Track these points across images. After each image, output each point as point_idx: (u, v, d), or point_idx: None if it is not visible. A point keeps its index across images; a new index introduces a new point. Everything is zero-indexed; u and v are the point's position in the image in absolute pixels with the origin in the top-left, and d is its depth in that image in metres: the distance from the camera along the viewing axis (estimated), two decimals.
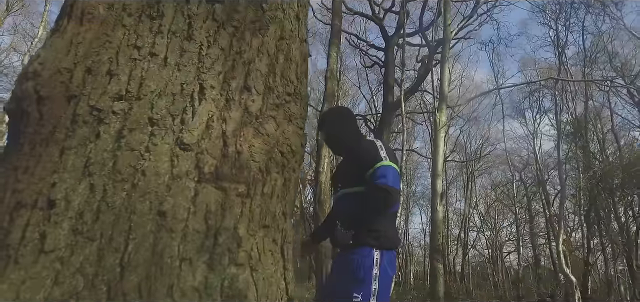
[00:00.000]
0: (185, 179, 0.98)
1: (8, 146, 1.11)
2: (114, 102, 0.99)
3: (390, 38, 15.10)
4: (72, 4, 1.15)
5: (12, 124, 1.09)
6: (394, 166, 2.03)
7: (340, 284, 2.04)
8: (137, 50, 1.05)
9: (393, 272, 2.06)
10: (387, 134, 13.81)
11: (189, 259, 0.94)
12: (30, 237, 0.87)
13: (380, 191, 1.94)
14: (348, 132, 2.29)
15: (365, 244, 1.97)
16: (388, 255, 2.01)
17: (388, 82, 14.37)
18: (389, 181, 1.95)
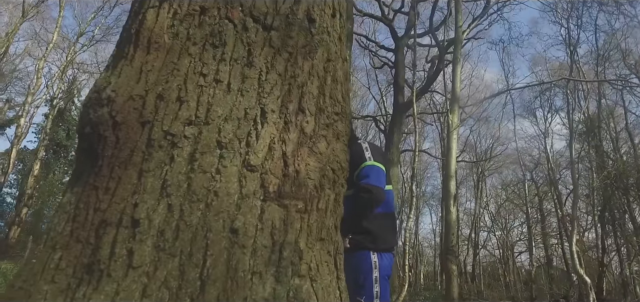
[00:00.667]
0: (252, 198, 1.06)
1: (81, 165, 1.20)
2: (185, 127, 1.07)
3: (400, 39, 15.11)
4: (137, 32, 1.23)
5: (86, 145, 1.17)
6: (377, 164, 2.02)
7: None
8: (203, 77, 1.13)
9: (390, 273, 2.07)
10: (397, 135, 13.82)
11: (259, 273, 1.01)
12: (119, 253, 0.95)
13: (364, 191, 1.94)
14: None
15: (363, 247, 1.97)
16: (386, 257, 2.02)
17: (398, 83, 14.38)
18: (371, 180, 1.96)
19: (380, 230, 2.03)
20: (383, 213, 2.10)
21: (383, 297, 1.95)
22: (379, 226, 2.03)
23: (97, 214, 1.03)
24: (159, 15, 1.22)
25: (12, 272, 9.38)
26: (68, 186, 1.20)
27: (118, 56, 1.29)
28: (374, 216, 2.02)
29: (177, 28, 1.19)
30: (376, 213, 2.03)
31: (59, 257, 1.03)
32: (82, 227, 1.04)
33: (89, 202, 1.06)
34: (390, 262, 2.08)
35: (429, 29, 14.65)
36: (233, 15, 1.21)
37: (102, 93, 1.16)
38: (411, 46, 16.33)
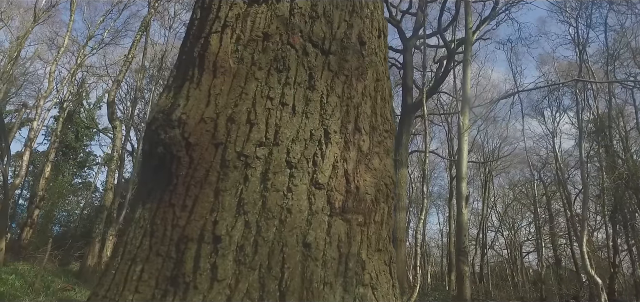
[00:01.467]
0: (321, 214, 1.14)
1: (150, 182, 1.28)
2: (257, 149, 1.15)
3: (408, 40, 15.15)
4: (201, 56, 1.31)
5: (156, 164, 1.25)
6: None
7: None
8: (270, 100, 1.21)
9: None
10: (406, 136, 13.87)
11: (330, 283, 1.09)
12: (203, 267, 1.03)
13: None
14: None
15: None
16: None
17: (407, 84, 14.42)
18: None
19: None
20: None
21: None
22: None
23: (175, 229, 1.12)
24: (222, 41, 1.30)
25: (29, 273, 9.55)
26: (137, 202, 1.29)
27: (180, 78, 1.38)
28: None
29: (242, 53, 1.27)
30: None
31: (141, 270, 1.12)
32: (161, 242, 1.12)
33: (166, 218, 1.14)
34: None
35: (438, 30, 14.69)
36: (294, 41, 1.29)
37: (171, 115, 1.24)
38: (419, 47, 16.36)
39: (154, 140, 1.27)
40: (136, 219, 1.23)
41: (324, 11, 1.37)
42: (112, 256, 1.27)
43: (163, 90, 1.46)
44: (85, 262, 10.13)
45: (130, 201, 17.24)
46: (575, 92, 14.71)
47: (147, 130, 1.35)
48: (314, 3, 1.36)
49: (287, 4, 1.34)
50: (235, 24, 1.32)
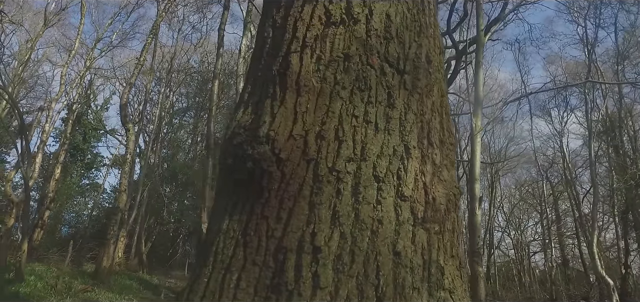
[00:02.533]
0: (406, 224, 1.22)
1: (234, 195, 1.37)
2: (347, 164, 1.24)
3: None
4: (283, 74, 1.40)
5: (244, 178, 1.33)
6: None
7: None
8: (355, 118, 1.29)
9: None
10: None
11: (417, 288, 1.18)
12: (306, 275, 1.12)
13: None
14: None
15: None
16: None
17: None
18: None
19: None
20: None
21: None
22: None
23: (271, 240, 1.20)
24: (302, 60, 1.39)
25: (46, 274, 9.68)
26: (222, 214, 1.37)
27: (257, 94, 1.46)
28: None
29: (324, 73, 1.36)
30: None
31: (237, 278, 1.20)
32: (257, 252, 1.21)
33: (260, 230, 1.23)
34: None
35: (447, 31, 14.74)
36: (373, 61, 1.37)
37: (258, 131, 1.33)
38: None
39: (238, 155, 1.36)
40: (224, 230, 1.31)
41: (396, 32, 1.45)
42: (200, 264, 1.36)
43: (238, 106, 1.55)
44: (100, 263, 10.25)
45: (137, 203, 17.34)
46: (585, 93, 14.75)
47: (228, 145, 1.44)
48: (387, 25, 1.45)
49: (364, 25, 1.42)
50: (315, 44, 1.40)
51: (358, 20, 1.42)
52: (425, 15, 1.60)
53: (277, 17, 1.56)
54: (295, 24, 1.47)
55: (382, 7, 1.46)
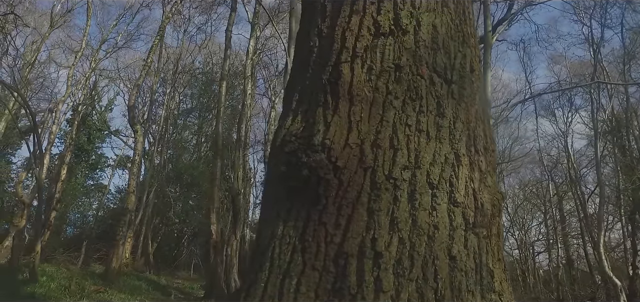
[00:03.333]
0: (459, 230, 1.27)
1: (287, 202, 1.41)
2: (402, 172, 1.28)
3: None
4: (334, 83, 1.44)
5: (299, 185, 1.38)
6: None
7: None
8: (408, 127, 1.34)
9: None
10: None
11: (472, 291, 1.22)
12: (368, 280, 1.16)
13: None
14: None
15: None
16: None
17: None
18: None
19: None
20: None
21: None
22: None
23: (330, 246, 1.25)
24: (354, 70, 1.44)
25: (57, 274, 9.75)
26: (275, 220, 1.41)
27: (306, 102, 1.51)
28: None
29: (375, 82, 1.41)
30: None
31: (297, 283, 1.24)
32: (316, 258, 1.25)
33: (318, 236, 1.27)
34: None
35: None
36: (423, 72, 1.42)
37: (312, 140, 1.38)
38: None
39: (292, 163, 1.41)
40: (279, 235, 1.36)
41: (443, 43, 1.50)
42: (255, 269, 1.40)
43: (286, 114, 1.59)
44: (110, 264, 10.31)
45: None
46: (590, 93, 14.78)
47: (279, 153, 1.48)
48: (434, 36, 1.49)
49: (412, 36, 1.47)
50: (365, 54, 1.45)
51: (407, 31, 1.46)
52: (467, 25, 1.64)
53: (322, 26, 1.60)
54: (343, 34, 1.51)
55: (428, 18, 1.51)
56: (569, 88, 16.37)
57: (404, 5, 1.51)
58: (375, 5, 1.52)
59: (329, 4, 1.63)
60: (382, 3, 1.52)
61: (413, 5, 1.51)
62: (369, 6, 1.52)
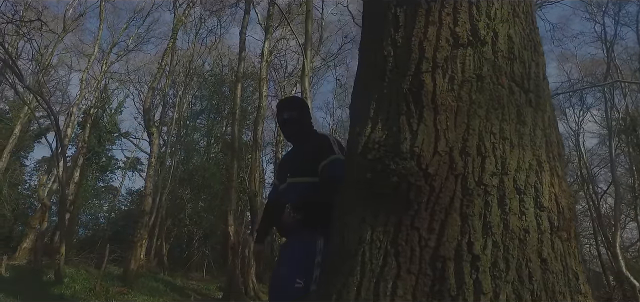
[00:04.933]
0: (547, 233, 1.32)
1: (375, 206, 1.47)
2: (492, 178, 1.34)
3: None
4: (417, 93, 1.50)
5: (387, 191, 1.43)
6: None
7: (285, 272, 2.11)
8: (493, 135, 1.40)
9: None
10: None
11: (562, 293, 1.28)
12: (468, 282, 1.22)
13: (334, 183, 1.99)
14: (309, 121, 2.43)
15: (310, 226, 2.03)
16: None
17: None
18: (342, 173, 2.02)
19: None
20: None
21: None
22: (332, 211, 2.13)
23: (425, 250, 1.30)
24: (435, 80, 1.49)
25: (77, 275, 9.88)
26: (362, 225, 1.45)
27: (384, 111, 1.57)
28: (332, 202, 2.09)
29: (458, 92, 1.46)
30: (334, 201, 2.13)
31: (392, 286, 1.30)
32: (411, 261, 1.31)
33: (412, 240, 1.33)
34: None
35: None
36: (502, 81, 1.47)
37: (399, 147, 1.44)
38: None
39: (378, 170, 1.46)
40: (368, 240, 1.42)
41: (518, 52, 1.55)
42: (345, 274, 1.45)
43: (363, 122, 1.64)
44: (128, 265, 10.43)
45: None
46: (604, 92, 14.73)
47: (361, 160, 1.54)
48: (510, 46, 1.55)
49: (490, 47, 1.52)
50: (445, 65, 1.51)
51: (485, 41, 1.52)
52: (535, 33, 1.70)
53: (397, 36, 1.66)
54: (421, 44, 1.57)
55: (504, 29, 1.56)
56: (585, 87, 16.31)
57: (480, 16, 1.56)
58: (451, 17, 1.58)
59: (401, 14, 1.68)
60: (458, 14, 1.57)
61: (489, 16, 1.56)
62: (445, 17, 1.58)
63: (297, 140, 2.44)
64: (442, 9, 1.60)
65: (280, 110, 2.46)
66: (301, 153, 2.37)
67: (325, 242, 2.03)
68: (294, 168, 2.33)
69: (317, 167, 2.13)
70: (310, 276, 2.01)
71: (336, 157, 2.15)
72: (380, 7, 1.82)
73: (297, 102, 2.61)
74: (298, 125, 2.38)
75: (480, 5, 1.58)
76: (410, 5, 1.67)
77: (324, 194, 2.06)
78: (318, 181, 2.12)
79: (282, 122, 2.43)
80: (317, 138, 2.36)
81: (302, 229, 2.05)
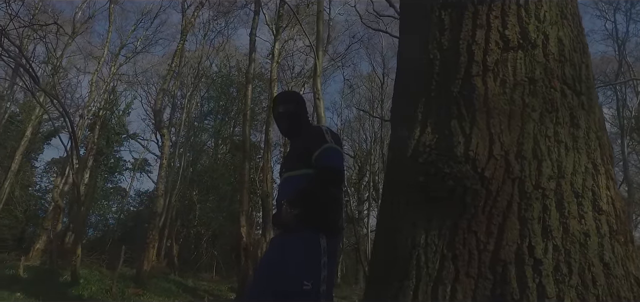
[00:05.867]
0: (607, 237, 1.32)
1: (428, 211, 1.47)
2: (549, 181, 1.33)
3: None
4: (468, 97, 1.49)
5: (442, 195, 1.43)
6: (338, 148, 2.15)
7: (288, 269, 2.00)
8: (548, 139, 1.39)
9: (336, 255, 2.14)
10: None
11: (627, 299, 1.27)
12: (531, 286, 1.22)
13: (329, 171, 2.06)
14: (305, 115, 2.44)
15: (311, 225, 2.00)
16: (333, 239, 2.08)
17: None
18: (335, 162, 2.11)
19: (332, 211, 2.11)
20: (336, 196, 2.19)
21: (329, 281, 2.00)
22: (330, 207, 2.12)
23: (484, 253, 1.30)
24: (487, 84, 1.49)
25: (90, 276, 9.95)
26: (415, 227, 1.46)
27: (434, 114, 1.56)
28: (328, 196, 2.11)
29: (510, 95, 1.46)
30: (330, 195, 2.12)
31: (451, 290, 1.30)
32: (469, 265, 1.31)
33: (469, 243, 1.33)
34: (337, 245, 2.18)
35: None
36: (555, 84, 1.47)
37: (453, 151, 1.43)
38: None
39: (431, 173, 1.46)
40: (422, 244, 1.42)
41: (569, 55, 1.54)
42: (399, 278, 1.44)
43: (411, 125, 1.64)
44: (141, 266, 10.49)
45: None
46: (616, 90, 14.61)
47: (412, 163, 1.54)
48: (561, 48, 1.54)
49: (541, 50, 1.51)
50: (496, 68, 1.50)
51: (536, 45, 1.51)
52: (583, 35, 1.69)
53: (443, 40, 1.65)
54: (469, 47, 1.57)
55: (554, 31, 1.55)
56: (597, 86, 16.16)
57: (530, 19, 1.56)
58: (500, 20, 1.57)
59: (446, 17, 1.68)
60: (506, 17, 1.57)
61: (538, 19, 1.56)
62: (494, 20, 1.57)
63: (292, 133, 2.42)
64: (489, 12, 1.59)
65: (276, 104, 2.47)
66: (295, 147, 2.36)
67: (327, 240, 2.02)
68: (289, 163, 2.32)
69: (311, 158, 2.12)
70: (318, 277, 1.97)
71: (329, 146, 2.13)
72: (422, 10, 1.82)
73: (293, 96, 2.62)
74: (294, 119, 2.37)
75: (529, 7, 1.57)
76: (456, 9, 1.67)
77: (318, 183, 2.05)
78: (312, 172, 2.10)
79: (277, 115, 2.43)
80: (311, 130, 2.35)
81: (302, 226, 2.00)
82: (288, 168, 2.28)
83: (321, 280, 1.98)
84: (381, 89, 24.22)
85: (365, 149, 28.96)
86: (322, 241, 2.02)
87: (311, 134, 2.27)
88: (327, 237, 2.04)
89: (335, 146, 2.15)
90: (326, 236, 2.04)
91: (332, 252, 2.05)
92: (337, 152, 2.16)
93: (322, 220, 2.05)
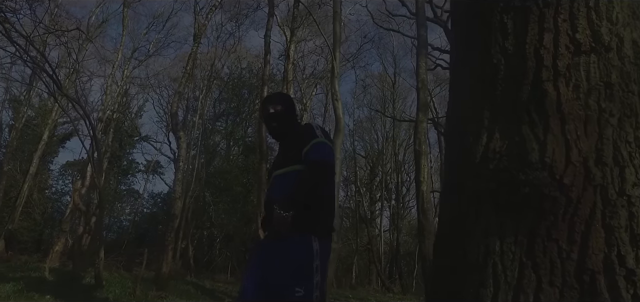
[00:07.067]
0: None
1: (501, 216, 1.45)
2: (633, 188, 1.31)
3: None
4: (538, 102, 1.47)
5: (517, 201, 1.41)
6: (328, 142, 2.14)
7: (277, 276, 1.97)
8: (628, 144, 1.36)
9: (328, 258, 2.10)
10: None
11: None
12: (626, 297, 1.19)
13: (318, 165, 2.03)
14: (294, 116, 2.44)
15: (305, 230, 1.97)
16: (325, 242, 2.06)
17: None
18: (324, 156, 2.08)
19: (323, 212, 2.10)
20: (327, 195, 2.15)
21: (322, 286, 1.97)
22: (322, 207, 2.08)
23: (567, 262, 1.28)
24: (559, 89, 1.46)
25: (112, 278, 10.06)
26: (486, 236, 1.44)
27: (502, 121, 1.54)
28: (320, 196, 2.06)
29: (585, 100, 1.43)
30: (322, 194, 2.08)
31: (535, 299, 1.28)
32: (552, 274, 1.29)
33: (551, 252, 1.31)
34: (329, 249, 2.12)
35: None
36: (632, 88, 1.44)
37: (527, 157, 1.41)
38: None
39: (504, 180, 1.44)
40: (498, 252, 1.40)
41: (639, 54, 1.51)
42: (478, 286, 1.42)
43: (476, 132, 1.62)
44: (160, 269, 10.59)
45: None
46: None
47: (481, 170, 1.52)
48: (636, 51, 1.51)
49: (616, 53, 1.48)
50: (568, 73, 1.48)
51: (610, 48, 1.48)
52: None
53: (506, 44, 1.63)
54: (537, 52, 1.54)
55: (628, 34, 1.52)
56: None
57: (601, 21, 1.53)
58: (568, 23, 1.54)
59: (509, 21, 1.65)
60: (576, 20, 1.54)
61: (610, 20, 1.53)
62: (562, 24, 1.54)
63: (281, 134, 2.40)
64: (557, 16, 1.56)
65: (265, 105, 2.45)
66: (285, 146, 2.35)
67: (320, 244, 1.99)
68: (280, 162, 2.29)
69: (301, 154, 2.10)
70: (310, 283, 1.93)
71: (318, 140, 2.11)
72: (480, 16, 1.79)
73: (282, 98, 2.64)
74: (282, 120, 2.35)
75: (600, 9, 1.54)
76: (519, 12, 1.64)
77: (308, 178, 2.03)
78: (302, 168, 2.09)
79: (267, 116, 2.39)
80: (300, 128, 2.35)
81: (294, 230, 1.94)
82: (279, 167, 2.26)
83: (314, 286, 1.94)
84: (393, 89, 24.16)
85: (376, 149, 28.90)
86: (315, 244, 1.99)
87: (300, 131, 2.26)
88: (320, 240, 2.01)
89: (325, 141, 2.13)
90: (318, 239, 2.01)
91: (324, 255, 2.02)
92: (327, 146, 2.14)
93: (315, 222, 2.03)
